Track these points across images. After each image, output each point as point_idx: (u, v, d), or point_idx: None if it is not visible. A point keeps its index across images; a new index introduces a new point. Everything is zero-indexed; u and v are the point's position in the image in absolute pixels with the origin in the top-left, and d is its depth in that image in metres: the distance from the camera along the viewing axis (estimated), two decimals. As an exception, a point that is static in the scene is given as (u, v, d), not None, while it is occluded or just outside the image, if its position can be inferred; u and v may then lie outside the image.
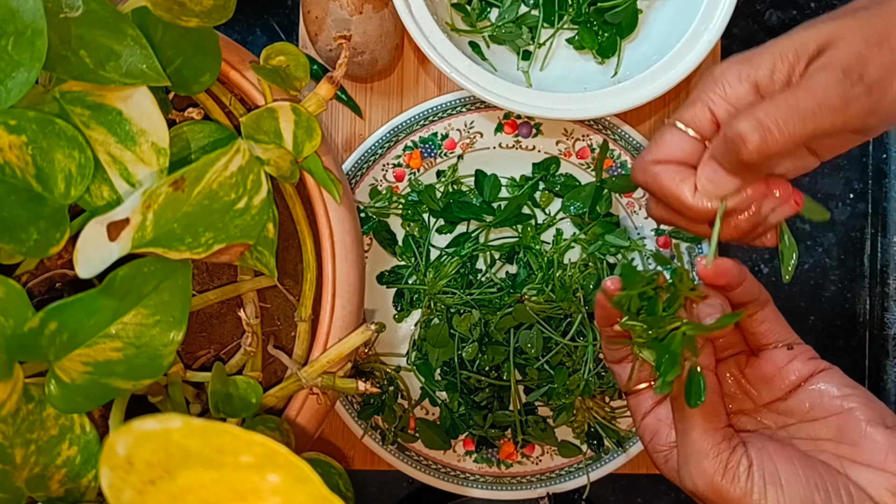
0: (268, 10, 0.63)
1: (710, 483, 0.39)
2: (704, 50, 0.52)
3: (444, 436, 0.59)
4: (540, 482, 0.59)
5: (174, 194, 0.35)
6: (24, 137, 0.36)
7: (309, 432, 0.46)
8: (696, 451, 0.40)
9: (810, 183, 0.62)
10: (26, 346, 0.35)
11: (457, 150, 0.60)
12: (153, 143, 0.39)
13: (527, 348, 0.56)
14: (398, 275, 0.60)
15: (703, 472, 0.39)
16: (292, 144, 0.44)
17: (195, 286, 0.48)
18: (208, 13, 0.40)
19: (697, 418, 0.40)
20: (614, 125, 0.59)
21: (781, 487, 0.39)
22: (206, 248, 0.37)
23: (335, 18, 0.55)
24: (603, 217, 0.59)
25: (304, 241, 0.46)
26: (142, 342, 0.37)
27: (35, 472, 0.38)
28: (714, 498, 0.39)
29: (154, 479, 0.25)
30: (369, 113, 0.62)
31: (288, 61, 0.46)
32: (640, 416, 0.45)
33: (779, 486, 0.39)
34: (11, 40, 0.35)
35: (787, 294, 0.62)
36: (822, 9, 0.62)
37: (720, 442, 0.40)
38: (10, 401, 0.37)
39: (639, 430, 0.45)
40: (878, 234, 0.62)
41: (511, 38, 0.59)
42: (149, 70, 0.38)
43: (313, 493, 0.24)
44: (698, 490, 0.39)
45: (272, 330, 0.49)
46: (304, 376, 0.45)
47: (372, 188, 0.59)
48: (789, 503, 0.38)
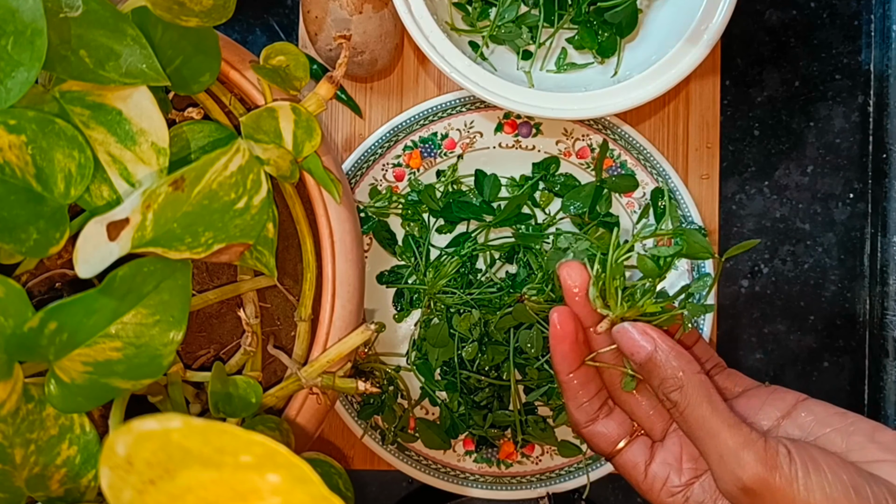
0: (268, 10, 0.63)
1: (755, 474, 0.37)
2: (704, 50, 0.52)
3: (444, 436, 0.59)
4: (540, 482, 0.59)
5: (174, 194, 0.35)
6: (24, 137, 0.36)
7: (309, 432, 0.46)
8: (730, 449, 0.38)
9: (810, 183, 0.62)
10: (26, 345, 0.35)
11: (457, 149, 0.60)
12: (153, 142, 0.39)
13: (526, 348, 0.56)
14: (398, 275, 0.60)
15: (744, 466, 0.38)
16: (292, 144, 0.44)
17: (195, 286, 0.48)
18: (208, 13, 0.40)
19: (719, 419, 0.39)
20: (614, 125, 0.59)
21: (825, 473, 0.37)
22: (206, 247, 0.37)
23: (335, 18, 0.55)
24: (603, 217, 0.59)
25: (304, 241, 0.46)
26: (142, 342, 0.37)
27: (35, 471, 0.38)
28: (760, 489, 0.37)
29: (154, 479, 0.25)
30: (369, 113, 0.62)
31: (288, 61, 0.46)
32: (641, 471, 0.43)
33: (822, 471, 0.37)
34: (11, 40, 0.35)
35: (787, 294, 0.62)
36: (822, 9, 0.62)
37: (751, 433, 0.39)
38: (9, 401, 0.37)
39: (645, 483, 0.43)
40: (878, 234, 0.62)
41: (511, 38, 0.59)
42: (148, 70, 0.38)
43: (313, 493, 0.24)
44: (745, 485, 0.38)
45: (272, 330, 0.49)
46: (303, 376, 0.45)
47: (372, 188, 0.59)
48: (835, 488, 0.37)
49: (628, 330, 0.43)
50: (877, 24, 0.62)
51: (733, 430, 0.39)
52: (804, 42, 0.63)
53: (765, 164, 0.62)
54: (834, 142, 0.62)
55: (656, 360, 0.42)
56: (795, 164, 0.62)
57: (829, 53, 0.63)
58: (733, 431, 0.39)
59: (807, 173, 0.62)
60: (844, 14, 0.63)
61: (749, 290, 0.62)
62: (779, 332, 0.62)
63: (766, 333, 0.62)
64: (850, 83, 0.62)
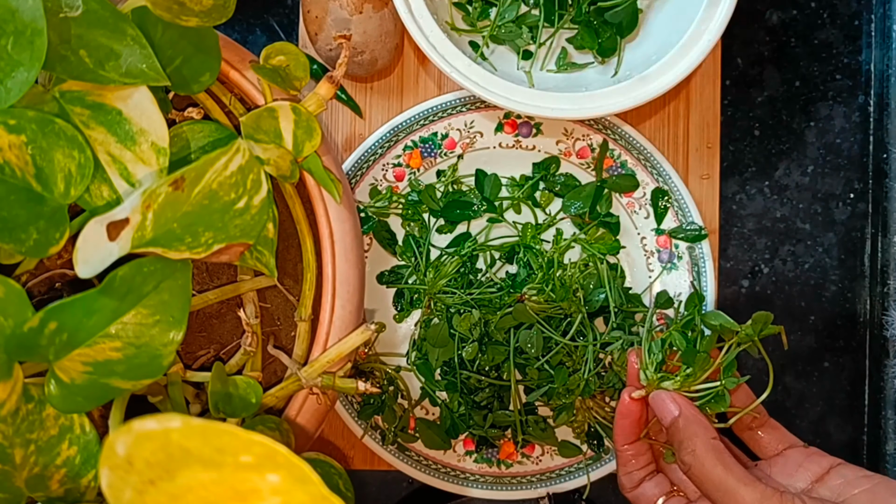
0: (268, 10, 0.63)
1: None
2: (704, 50, 0.52)
3: (444, 436, 0.59)
4: (540, 482, 0.59)
5: (174, 194, 0.35)
6: (24, 137, 0.36)
7: (309, 432, 0.46)
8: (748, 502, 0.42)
9: (811, 183, 0.62)
10: (26, 345, 0.35)
11: (457, 149, 0.60)
12: (153, 142, 0.39)
13: (527, 348, 0.56)
14: (398, 275, 0.60)
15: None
16: (292, 144, 0.44)
17: (195, 286, 0.48)
18: (208, 13, 0.40)
19: (734, 477, 0.43)
20: (614, 125, 0.59)
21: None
22: (206, 247, 0.37)
23: (335, 18, 0.55)
24: (603, 217, 0.59)
25: (304, 241, 0.46)
26: (141, 342, 0.37)
27: (35, 472, 0.38)
28: None
29: (154, 479, 0.25)
30: (369, 113, 0.61)
31: (288, 61, 0.46)
32: None
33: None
34: (11, 40, 0.35)
35: (787, 294, 0.62)
36: (823, 9, 0.62)
37: (766, 489, 0.42)
38: (9, 401, 0.37)
39: None
40: (878, 234, 0.62)
41: (511, 38, 0.59)
42: (148, 70, 0.38)
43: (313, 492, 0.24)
44: None
45: (272, 330, 0.49)
46: (304, 376, 0.45)
47: (372, 188, 0.59)
48: None
49: (660, 395, 0.49)
50: (877, 24, 0.62)
51: (749, 487, 0.42)
52: (804, 42, 0.63)
53: (765, 164, 0.62)
54: (834, 142, 0.62)
55: (678, 424, 0.47)
56: (796, 164, 0.62)
57: (830, 53, 0.63)
58: (750, 488, 0.42)
59: (807, 173, 0.62)
60: (845, 14, 0.63)
61: (749, 290, 0.62)
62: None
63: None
64: (850, 83, 0.62)
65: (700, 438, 0.45)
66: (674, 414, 0.47)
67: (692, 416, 0.47)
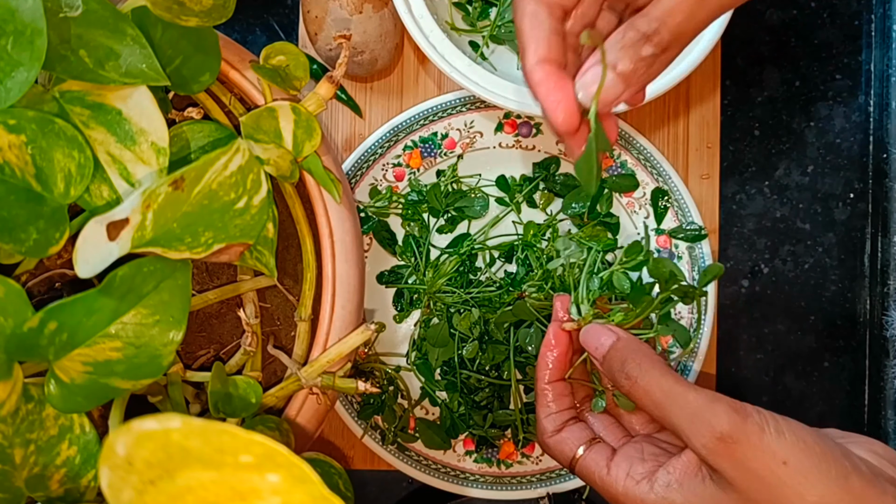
0: (268, 10, 0.63)
1: (729, 420, 0.39)
2: (704, 50, 0.52)
3: (444, 436, 0.59)
4: (540, 482, 0.59)
5: (174, 194, 0.35)
6: (24, 137, 0.36)
7: (309, 432, 0.46)
8: (702, 404, 0.40)
9: (811, 183, 0.62)
10: (26, 345, 0.35)
11: (457, 149, 0.60)
12: (153, 142, 0.39)
13: (526, 346, 0.56)
14: (398, 275, 0.60)
15: (718, 415, 0.39)
16: (292, 144, 0.44)
17: (195, 286, 0.48)
18: (208, 13, 0.40)
19: (683, 385, 0.42)
20: (614, 125, 0.59)
21: (790, 424, 0.39)
22: (206, 247, 0.37)
23: (335, 18, 0.55)
24: (603, 217, 0.59)
25: (304, 241, 0.46)
26: (141, 342, 0.37)
27: (34, 472, 0.38)
28: (736, 434, 0.39)
29: (154, 479, 0.25)
30: (369, 112, 0.61)
31: (288, 61, 0.46)
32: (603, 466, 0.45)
33: (788, 421, 0.39)
34: (11, 40, 0.35)
35: (787, 294, 0.62)
36: (823, 8, 0.62)
37: (715, 393, 0.41)
38: (9, 401, 0.37)
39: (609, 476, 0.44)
40: (878, 234, 0.62)
41: (511, 38, 0.59)
42: (148, 69, 0.38)
43: (313, 492, 0.24)
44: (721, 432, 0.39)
45: (272, 330, 0.49)
46: (303, 376, 0.45)
47: (372, 188, 0.59)
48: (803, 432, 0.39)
49: (594, 327, 0.48)
50: (877, 24, 0.62)
51: (699, 392, 0.41)
52: (804, 42, 0.63)
53: (765, 163, 0.62)
54: (834, 142, 0.62)
55: (617, 346, 0.46)
56: (796, 164, 0.62)
57: (830, 53, 0.63)
58: (700, 393, 0.41)
59: (807, 173, 0.62)
60: (845, 14, 0.63)
61: (749, 290, 0.62)
62: (779, 332, 0.62)
63: (766, 333, 0.62)
64: (850, 83, 0.62)
65: (644, 355, 0.44)
66: (612, 340, 0.46)
67: (632, 339, 0.46)
